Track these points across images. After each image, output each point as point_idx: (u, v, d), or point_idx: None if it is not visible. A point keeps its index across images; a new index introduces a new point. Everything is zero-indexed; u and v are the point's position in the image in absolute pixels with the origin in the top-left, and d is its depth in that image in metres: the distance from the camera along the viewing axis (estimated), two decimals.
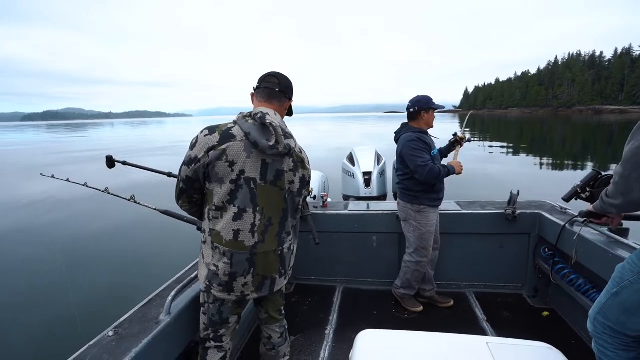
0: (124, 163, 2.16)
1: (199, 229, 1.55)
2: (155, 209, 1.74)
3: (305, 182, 1.40)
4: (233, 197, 1.22)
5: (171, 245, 4.79)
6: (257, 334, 1.62)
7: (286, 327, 1.61)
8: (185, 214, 1.53)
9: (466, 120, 3.85)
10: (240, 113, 1.28)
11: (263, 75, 1.36)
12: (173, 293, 1.38)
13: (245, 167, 1.21)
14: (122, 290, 3.62)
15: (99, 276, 4.13)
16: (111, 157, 2.10)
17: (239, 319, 1.45)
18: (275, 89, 1.33)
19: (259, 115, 1.22)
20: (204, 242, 1.31)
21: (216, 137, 1.20)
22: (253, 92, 1.36)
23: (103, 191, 1.83)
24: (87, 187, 1.86)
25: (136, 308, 1.39)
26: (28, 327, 3.16)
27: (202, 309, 1.37)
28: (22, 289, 3.87)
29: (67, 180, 1.90)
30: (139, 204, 1.76)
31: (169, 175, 2.17)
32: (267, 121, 1.20)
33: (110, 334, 1.22)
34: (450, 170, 2.24)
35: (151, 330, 1.24)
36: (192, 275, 1.55)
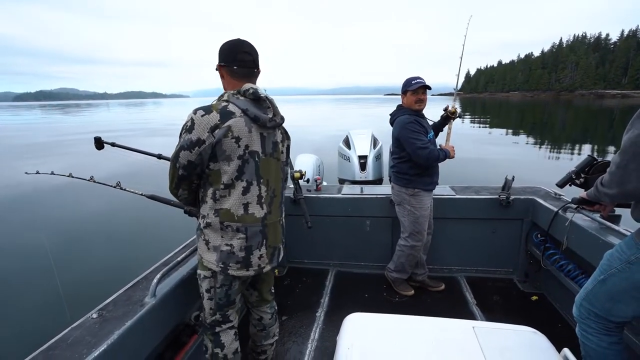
0: (113, 144, 2.11)
1: (186, 212, 1.53)
2: (141, 194, 1.71)
3: (288, 152, 1.46)
4: (241, 173, 1.22)
5: (158, 229, 4.79)
6: (247, 317, 1.63)
7: (276, 308, 1.62)
8: (173, 198, 1.50)
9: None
10: (227, 93, 1.24)
11: (233, 51, 1.24)
12: (159, 275, 1.37)
13: (250, 142, 1.22)
14: (110, 274, 3.63)
15: (87, 260, 4.13)
16: (100, 138, 2.05)
17: (241, 297, 1.47)
18: (253, 69, 1.28)
19: (250, 91, 1.21)
20: (207, 227, 1.26)
21: (216, 115, 1.16)
22: (222, 67, 1.26)
23: (88, 180, 1.80)
24: (72, 177, 1.84)
25: (121, 290, 1.38)
26: (12, 310, 3.19)
27: (206, 295, 1.33)
28: (5, 273, 3.85)
29: (52, 173, 1.87)
30: (125, 190, 1.74)
31: (159, 157, 2.12)
32: (262, 95, 1.22)
33: (94, 316, 1.22)
34: (446, 154, 2.21)
35: (135, 313, 1.24)
36: (179, 258, 1.53)
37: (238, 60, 1.24)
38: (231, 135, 1.17)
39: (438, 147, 2.26)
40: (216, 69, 1.30)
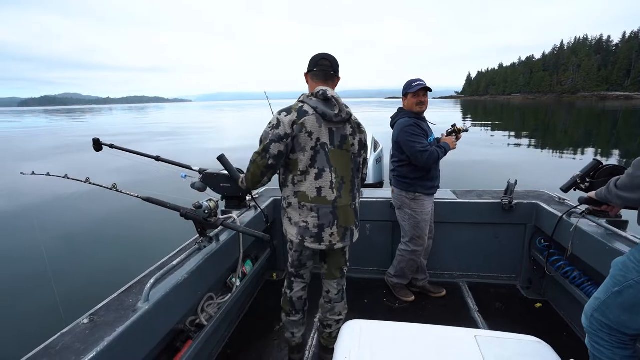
0: (111, 146, 2.12)
1: (182, 215, 1.63)
2: (137, 197, 1.69)
3: (363, 144, 1.62)
4: (313, 161, 1.46)
5: (153, 232, 4.76)
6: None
7: (344, 287, 1.81)
8: (168, 200, 1.59)
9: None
10: (303, 95, 1.53)
11: (316, 59, 1.54)
12: (153, 280, 1.34)
13: (320, 135, 1.45)
14: (104, 277, 3.60)
15: (81, 263, 4.10)
16: (98, 139, 2.06)
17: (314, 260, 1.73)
18: (330, 72, 1.54)
19: (320, 92, 1.46)
20: (289, 206, 1.55)
21: (294, 114, 1.43)
22: (307, 73, 1.57)
23: (84, 181, 1.78)
24: (68, 178, 1.82)
25: (114, 295, 1.35)
26: (6, 313, 3.16)
27: (290, 251, 1.68)
28: None
29: (48, 174, 1.87)
30: (120, 192, 1.72)
31: (157, 159, 2.12)
32: (330, 95, 1.45)
33: (85, 321, 1.19)
34: (446, 149, 2.18)
35: (127, 318, 1.21)
36: (174, 262, 1.50)
37: (318, 65, 1.54)
38: (305, 130, 1.42)
39: (437, 142, 2.23)
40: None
